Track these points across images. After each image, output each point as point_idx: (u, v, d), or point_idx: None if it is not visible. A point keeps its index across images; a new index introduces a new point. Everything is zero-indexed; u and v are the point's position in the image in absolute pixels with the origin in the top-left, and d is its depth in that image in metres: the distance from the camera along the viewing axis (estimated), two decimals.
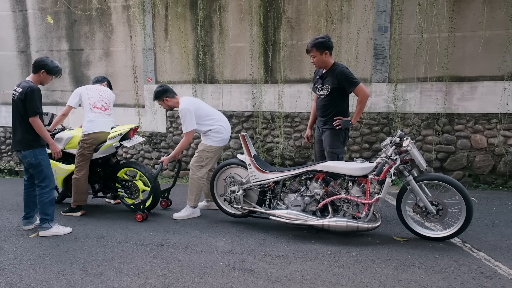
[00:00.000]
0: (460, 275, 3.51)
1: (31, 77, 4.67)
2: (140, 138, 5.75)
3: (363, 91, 4.66)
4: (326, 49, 4.64)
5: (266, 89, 7.57)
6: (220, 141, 5.19)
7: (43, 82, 4.72)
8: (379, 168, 4.19)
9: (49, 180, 4.72)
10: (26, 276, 3.64)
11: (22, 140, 4.60)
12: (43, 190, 4.67)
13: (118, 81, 8.44)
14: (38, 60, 4.67)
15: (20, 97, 4.50)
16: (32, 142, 4.60)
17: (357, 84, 4.63)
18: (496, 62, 6.45)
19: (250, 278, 3.53)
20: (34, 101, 4.50)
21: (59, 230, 4.75)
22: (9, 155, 9.53)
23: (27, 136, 4.58)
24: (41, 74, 4.64)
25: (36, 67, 4.64)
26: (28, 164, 4.65)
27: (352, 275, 3.56)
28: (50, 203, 4.71)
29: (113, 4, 8.33)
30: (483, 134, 6.65)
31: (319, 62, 4.73)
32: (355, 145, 7.23)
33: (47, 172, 4.70)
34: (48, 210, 4.69)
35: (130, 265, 3.83)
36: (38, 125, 4.56)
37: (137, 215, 5.22)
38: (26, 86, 4.52)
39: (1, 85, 9.46)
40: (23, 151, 4.60)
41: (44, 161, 4.68)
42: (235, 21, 7.64)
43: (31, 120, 4.52)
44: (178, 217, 5.22)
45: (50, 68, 4.67)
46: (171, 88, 5.38)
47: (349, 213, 4.39)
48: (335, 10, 7.04)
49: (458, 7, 6.54)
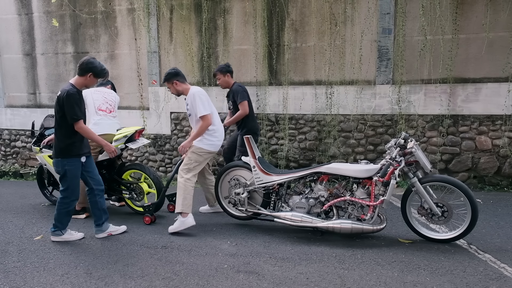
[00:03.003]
0: (466, 277, 3.49)
1: (75, 80, 4.39)
2: (145, 140, 5.76)
3: (242, 108, 5.71)
4: (228, 72, 5.87)
5: (271, 91, 7.58)
6: (211, 145, 4.86)
7: (88, 85, 4.49)
8: (383, 170, 4.18)
9: (71, 191, 4.48)
10: (30, 279, 3.65)
11: (55, 147, 4.41)
12: (63, 200, 4.47)
13: (123, 84, 8.47)
14: (86, 61, 4.35)
15: (58, 102, 4.26)
16: (63, 150, 4.37)
17: (241, 101, 5.70)
18: (500, 64, 6.43)
19: (255, 280, 3.53)
20: (71, 107, 4.22)
21: (71, 236, 4.64)
22: (13, 157, 9.57)
23: (59, 144, 4.38)
24: (88, 77, 4.36)
25: (83, 70, 4.33)
26: (56, 171, 4.49)
27: (357, 277, 3.55)
28: (67, 214, 4.54)
29: (118, 7, 8.37)
30: (488, 135, 6.62)
31: (223, 83, 5.93)
32: (359, 147, 7.22)
33: (71, 183, 4.44)
34: (62, 220, 4.55)
35: (134, 268, 3.83)
36: (84, 130, 4.37)
37: (146, 217, 5.22)
38: (65, 90, 4.24)
39: (7, 88, 9.51)
40: (54, 158, 4.44)
41: (70, 172, 4.41)
42: (239, 24, 7.65)
43: (76, 126, 4.29)
44: (171, 230, 4.81)
45: (98, 71, 4.40)
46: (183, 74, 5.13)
47: (354, 215, 4.38)
48: (339, 12, 7.05)
49: (461, 9, 6.53)
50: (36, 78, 9.22)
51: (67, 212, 4.53)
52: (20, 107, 9.44)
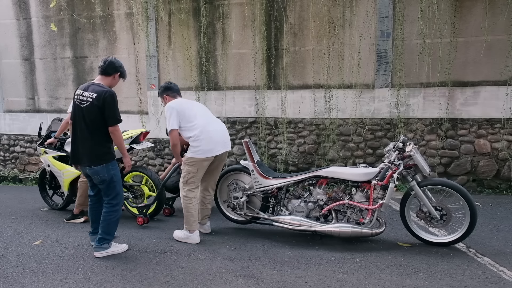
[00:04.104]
0: (465, 280, 3.49)
1: (101, 79, 4.17)
2: (149, 143, 5.81)
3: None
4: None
5: (269, 95, 7.59)
6: (198, 152, 4.46)
7: (113, 85, 4.25)
8: (382, 174, 4.19)
9: (120, 197, 4.27)
10: (28, 284, 3.64)
11: (94, 154, 4.05)
12: (114, 208, 4.19)
13: (121, 88, 8.47)
14: (113, 61, 4.18)
15: (97, 103, 3.94)
16: (106, 155, 4.10)
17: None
18: (499, 67, 6.44)
19: (254, 284, 3.52)
20: (115, 108, 4.02)
21: (118, 249, 4.31)
22: (13, 162, 9.57)
23: (101, 149, 4.07)
24: (115, 77, 4.21)
25: (111, 69, 4.16)
26: (100, 180, 4.11)
27: (356, 281, 3.54)
28: (116, 222, 4.28)
29: (117, 11, 8.38)
30: (487, 138, 6.63)
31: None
32: (358, 151, 7.22)
33: (119, 188, 4.23)
34: (112, 230, 4.26)
35: (133, 272, 3.82)
36: (120, 135, 4.14)
37: (138, 218, 5.27)
38: (103, 90, 4.00)
39: (5, 93, 9.51)
40: (95, 166, 4.05)
41: (117, 176, 4.19)
42: (238, 28, 7.67)
43: (113, 129, 4.04)
44: (175, 236, 4.73)
45: (124, 71, 4.27)
46: (178, 88, 4.97)
47: (352, 219, 4.38)
48: (338, 16, 7.06)
49: (459, 12, 6.54)
50: (34, 83, 9.22)
51: (117, 221, 4.27)
52: (19, 112, 9.44)
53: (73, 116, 4.17)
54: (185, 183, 4.58)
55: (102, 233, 4.21)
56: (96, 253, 4.23)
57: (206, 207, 4.88)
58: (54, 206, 6.30)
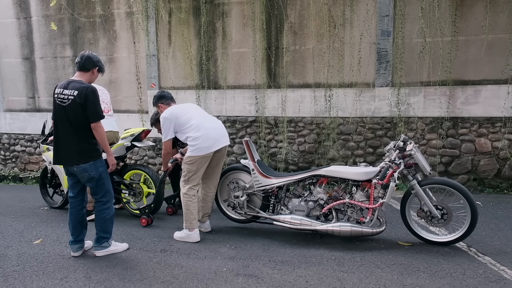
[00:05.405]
0: (466, 279, 3.48)
1: (79, 76, 4.07)
2: (150, 142, 5.82)
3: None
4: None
5: (270, 94, 7.58)
6: (196, 150, 4.49)
7: (92, 81, 4.16)
8: (383, 173, 4.18)
9: (110, 194, 4.22)
10: (29, 283, 3.64)
11: (81, 152, 3.98)
12: (105, 206, 4.17)
13: (121, 87, 8.48)
14: (90, 56, 4.07)
15: (79, 101, 3.87)
16: (93, 152, 4.04)
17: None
18: (500, 66, 6.43)
19: (254, 284, 3.51)
20: (97, 104, 3.96)
21: (117, 248, 4.32)
22: (13, 161, 9.57)
23: (87, 146, 4.01)
24: (94, 72, 4.12)
25: (89, 64, 4.05)
26: (88, 178, 4.04)
27: (356, 280, 3.54)
28: (111, 219, 4.24)
29: (117, 10, 8.38)
30: (488, 137, 6.62)
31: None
32: (359, 150, 7.21)
33: (108, 186, 4.19)
34: (108, 228, 4.24)
35: (133, 271, 3.82)
36: (103, 131, 4.04)
37: (142, 219, 5.25)
38: (84, 86, 3.92)
39: (6, 92, 9.51)
40: (82, 164, 3.98)
41: (105, 173, 4.14)
42: (238, 27, 7.66)
43: (95, 126, 3.96)
44: (175, 237, 4.73)
45: (102, 65, 4.19)
46: (171, 95, 5.10)
47: (353, 218, 4.38)
48: (338, 15, 7.05)
49: (460, 11, 6.53)
50: (35, 82, 9.21)
51: (111, 218, 4.23)
52: (19, 111, 9.43)
53: (54, 116, 4.07)
54: (185, 181, 4.61)
55: (99, 232, 4.23)
56: (97, 252, 4.24)
57: (208, 204, 4.90)
58: (52, 204, 6.31)
